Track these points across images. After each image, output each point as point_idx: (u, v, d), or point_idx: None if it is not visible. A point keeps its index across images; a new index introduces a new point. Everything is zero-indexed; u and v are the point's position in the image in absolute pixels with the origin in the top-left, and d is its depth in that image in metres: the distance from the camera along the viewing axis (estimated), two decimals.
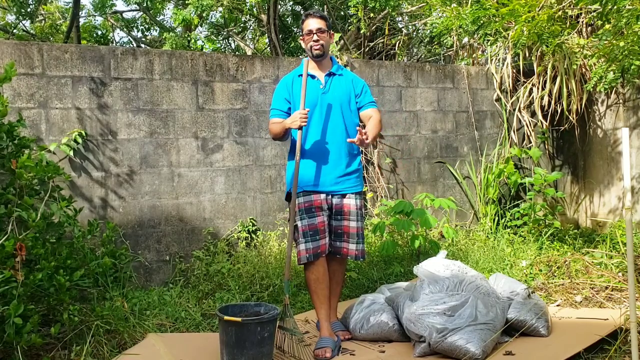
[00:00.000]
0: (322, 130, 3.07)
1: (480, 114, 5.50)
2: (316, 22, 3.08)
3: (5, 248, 2.48)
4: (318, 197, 3.05)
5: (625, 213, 2.38)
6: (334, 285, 3.17)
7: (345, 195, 3.11)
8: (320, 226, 3.02)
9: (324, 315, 3.00)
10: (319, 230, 3.01)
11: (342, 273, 3.25)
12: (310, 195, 3.05)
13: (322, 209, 3.05)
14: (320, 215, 3.04)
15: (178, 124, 4.15)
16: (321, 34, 3.07)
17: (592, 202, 5.76)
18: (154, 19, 10.48)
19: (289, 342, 2.86)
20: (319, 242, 3.00)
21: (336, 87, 3.14)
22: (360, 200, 3.18)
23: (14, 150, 3.00)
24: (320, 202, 3.05)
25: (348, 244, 3.10)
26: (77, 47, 3.89)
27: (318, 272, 3.00)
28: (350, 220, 3.10)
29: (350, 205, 3.10)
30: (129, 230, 3.97)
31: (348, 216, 3.10)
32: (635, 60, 3.86)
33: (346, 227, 3.10)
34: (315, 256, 2.98)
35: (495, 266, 4.39)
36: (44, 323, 2.96)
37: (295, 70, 3.21)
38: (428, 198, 4.45)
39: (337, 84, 3.15)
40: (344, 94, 3.14)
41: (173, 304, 3.56)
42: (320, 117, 3.08)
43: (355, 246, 3.11)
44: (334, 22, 7.05)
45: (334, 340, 2.93)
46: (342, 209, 3.10)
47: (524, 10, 3.93)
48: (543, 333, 3.00)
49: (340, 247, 3.11)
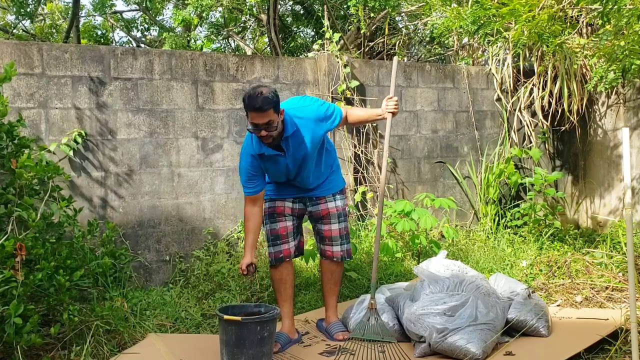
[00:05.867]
0: (297, 182, 3.04)
1: (481, 114, 5.50)
2: (261, 117, 2.63)
3: (5, 248, 2.48)
4: (282, 204, 3.06)
5: (626, 213, 2.38)
6: (331, 285, 3.19)
7: (320, 200, 3.09)
8: (281, 231, 3.05)
9: (286, 312, 3.09)
10: (280, 236, 3.06)
11: (339, 273, 3.22)
12: (274, 202, 3.07)
13: (284, 215, 3.07)
14: (281, 220, 3.06)
15: (178, 123, 4.15)
16: (269, 128, 2.68)
17: (593, 202, 5.75)
18: (153, 19, 10.48)
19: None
20: (280, 247, 3.05)
21: (296, 146, 2.85)
22: (341, 200, 3.15)
23: (14, 150, 3.00)
24: (283, 209, 3.06)
25: (332, 247, 3.12)
26: (77, 47, 3.89)
27: (281, 273, 3.08)
28: (331, 224, 3.10)
29: (328, 208, 3.09)
30: (128, 230, 3.97)
31: (328, 220, 3.10)
32: (635, 59, 3.85)
33: (327, 231, 3.11)
34: (277, 260, 3.05)
35: (495, 266, 4.39)
36: (44, 323, 2.97)
37: (248, 148, 2.86)
38: (428, 198, 4.44)
39: (296, 141, 2.85)
40: (308, 145, 2.88)
41: (173, 304, 3.55)
42: (292, 178, 3.01)
43: (340, 247, 3.12)
44: (333, 22, 7.04)
45: (288, 336, 3.03)
46: (321, 214, 3.10)
47: (524, 10, 3.92)
48: (543, 333, 3.00)
49: (324, 249, 3.14)
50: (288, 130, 2.80)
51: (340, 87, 4.69)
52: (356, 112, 3.19)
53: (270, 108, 2.64)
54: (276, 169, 2.93)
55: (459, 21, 4.37)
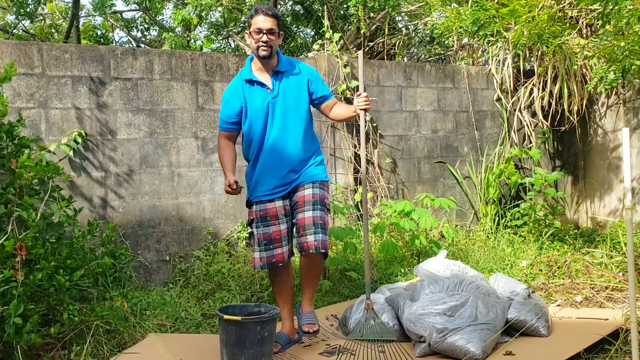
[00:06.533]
0: (275, 139, 2.90)
1: (481, 114, 5.50)
2: (267, 21, 2.81)
3: (5, 248, 2.48)
4: (273, 205, 2.93)
5: (626, 213, 2.38)
6: (308, 278, 3.00)
7: (300, 187, 2.94)
8: (275, 235, 2.92)
9: (286, 314, 3.06)
10: (274, 240, 2.92)
11: (317, 267, 2.99)
12: (265, 204, 2.94)
13: (277, 217, 2.93)
14: (275, 224, 2.93)
15: (178, 123, 4.15)
16: (271, 36, 2.82)
17: (593, 202, 5.75)
18: (153, 19, 10.48)
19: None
20: (273, 252, 2.92)
21: (286, 86, 2.93)
22: (320, 189, 2.95)
23: (14, 150, 3.00)
24: (275, 211, 2.93)
25: (306, 237, 2.85)
26: (76, 47, 3.89)
27: (281, 276, 3.01)
28: (304, 211, 2.87)
29: (304, 195, 2.90)
30: (128, 230, 3.97)
31: (302, 207, 2.89)
32: (635, 60, 3.85)
33: (301, 219, 2.88)
34: (269, 265, 2.94)
35: (495, 266, 4.39)
36: (44, 323, 2.97)
37: (241, 73, 2.98)
38: (428, 198, 4.45)
39: (287, 82, 2.94)
40: (295, 91, 2.94)
41: (173, 304, 3.56)
42: (272, 125, 2.90)
43: (314, 237, 2.83)
44: (333, 22, 7.04)
45: (288, 337, 3.01)
46: (297, 201, 2.92)
47: (524, 11, 3.93)
48: (543, 333, 3.00)
49: (301, 242, 2.88)
50: (282, 66, 2.93)
51: (340, 87, 4.70)
52: (340, 106, 3.12)
53: (276, 18, 2.84)
54: (258, 107, 2.89)
55: (459, 22, 4.38)
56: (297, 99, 2.95)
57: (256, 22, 2.82)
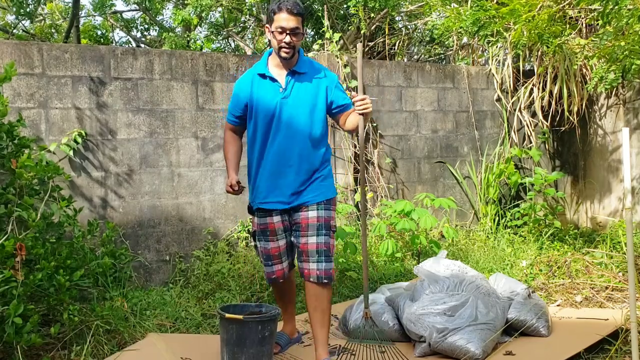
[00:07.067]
0: (280, 144, 2.68)
1: (481, 114, 5.50)
2: (291, 20, 2.57)
3: (5, 248, 2.48)
4: (272, 221, 2.75)
5: (626, 213, 2.38)
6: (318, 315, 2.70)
7: (302, 207, 2.71)
8: (273, 252, 2.80)
9: (287, 316, 3.06)
10: (272, 256, 2.81)
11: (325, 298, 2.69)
12: (265, 218, 2.76)
13: (276, 233, 2.76)
14: (273, 240, 2.78)
15: (178, 123, 4.15)
16: (294, 37, 2.59)
17: (593, 202, 5.76)
18: (153, 19, 10.47)
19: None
20: (272, 268, 2.83)
21: (300, 89, 2.70)
22: (326, 211, 2.72)
23: (14, 150, 3.00)
24: (274, 226, 2.76)
25: (308, 264, 2.67)
26: (77, 47, 3.89)
27: (282, 286, 2.95)
28: (308, 236, 2.68)
29: (308, 218, 2.69)
30: (128, 230, 3.97)
31: (305, 231, 2.69)
32: (635, 60, 3.86)
33: (303, 244, 2.69)
34: (270, 280, 2.89)
35: (495, 266, 4.39)
36: (44, 323, 2.97)
37: (255, 66, 2.80)
38: (428, 198, 4.45)
39: (301, 85, 2.70)
40: (309, 96, 2.71)
41: (173, 304, 3.56)
42: (278, 128, 2.68)
43: (316, 265, 2.65)
44: (333, 22, 7.04)
45: (289, 337, 3.01)
46: (300, 223, 2.71)
47: (524, 10, 3.93)
48: (543, 333, 3.00)
49: (302, 268, 2.71)
50: (301, 67, 2.71)
51: None
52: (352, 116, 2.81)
53: (302, 16, 2.60)
54: (265, 106, 2.68)
55: (459, 22, 4.38)
56: (310, 105, 2.71)
57: (279, 19, 2.58)
